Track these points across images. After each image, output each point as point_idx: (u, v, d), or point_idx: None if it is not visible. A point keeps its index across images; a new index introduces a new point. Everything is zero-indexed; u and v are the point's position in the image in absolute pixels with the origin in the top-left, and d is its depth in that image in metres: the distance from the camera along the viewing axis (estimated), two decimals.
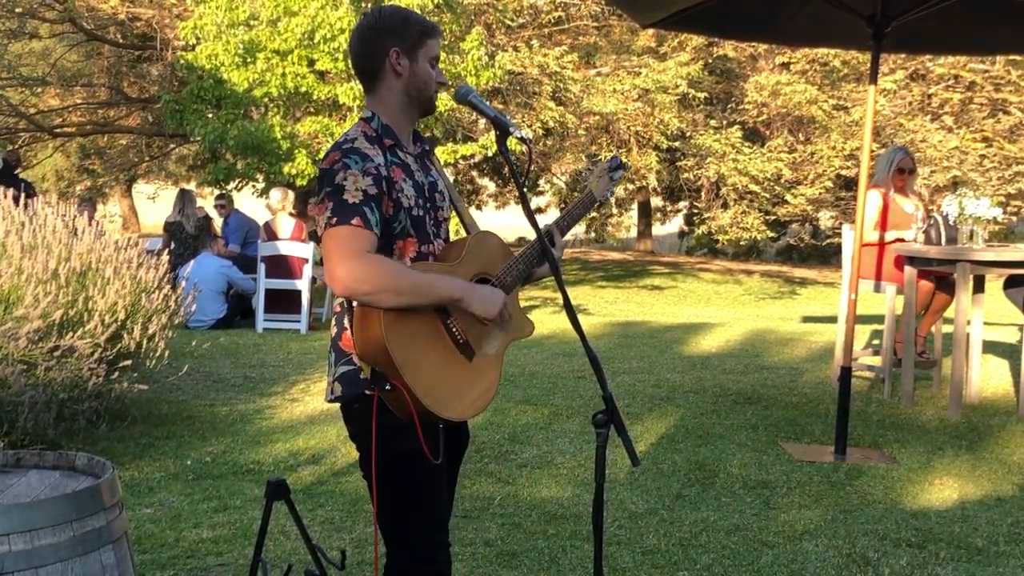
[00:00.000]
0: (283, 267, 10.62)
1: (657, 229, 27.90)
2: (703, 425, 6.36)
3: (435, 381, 2.52)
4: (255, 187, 16.74)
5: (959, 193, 6.95)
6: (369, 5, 11.64)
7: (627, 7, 7.31)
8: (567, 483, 5.19)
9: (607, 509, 4.61)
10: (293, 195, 11.83)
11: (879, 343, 8.19)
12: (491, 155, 14.39)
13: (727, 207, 18.78)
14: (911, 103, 17.62)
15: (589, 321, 12.00)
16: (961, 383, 6.72)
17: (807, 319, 13.05)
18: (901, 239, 7.15)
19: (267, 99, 12.35)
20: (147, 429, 6.04)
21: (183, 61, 12.57)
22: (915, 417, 6.66)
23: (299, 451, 5.68)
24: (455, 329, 2.59)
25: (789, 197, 18.37)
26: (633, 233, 27.48)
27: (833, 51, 16.11)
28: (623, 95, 16.80)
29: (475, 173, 24.07)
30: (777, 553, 4.28)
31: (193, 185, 21.74)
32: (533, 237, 2.75)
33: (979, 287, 7.12)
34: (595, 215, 21.61)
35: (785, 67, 18.00)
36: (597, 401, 2.55)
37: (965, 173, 16.80)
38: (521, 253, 2.82)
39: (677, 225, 28.03)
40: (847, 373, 5.85)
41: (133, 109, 20.76)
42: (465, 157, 13.37)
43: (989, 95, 17.59)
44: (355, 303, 2.54)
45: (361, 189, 2.52)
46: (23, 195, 6.22)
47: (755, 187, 17.85)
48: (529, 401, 6.91)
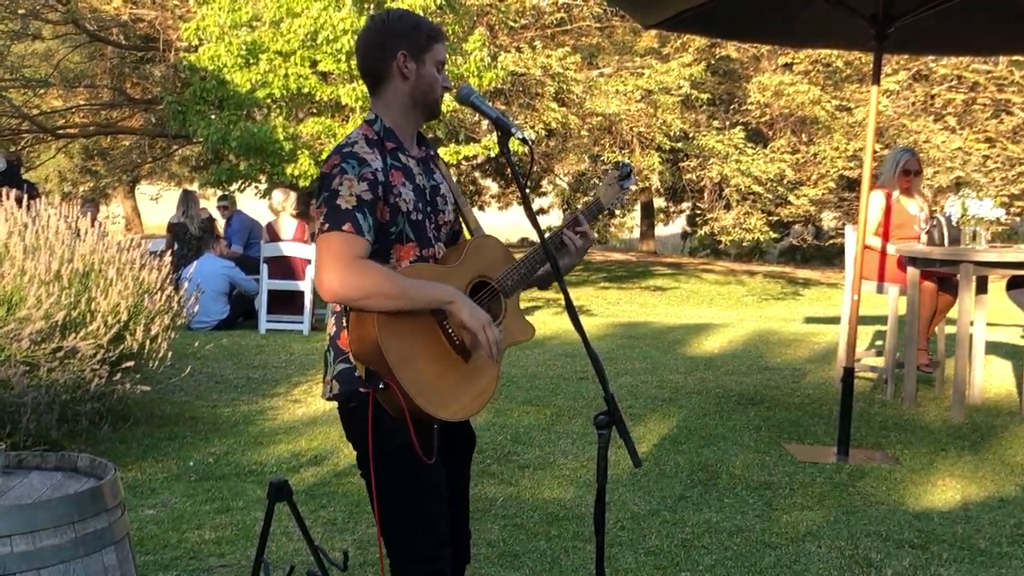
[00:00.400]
0: (286, 268, 10.62)
1: (660, 230, 27.91)
2: (706, 426, 6.36)
3: (429, 381, 2.52)
4: (258, 188, 16.75)
5: (962, 194, 6.95)
6: (372, 7, 11.65)
7: (629, 8, 7.31)
8: (569, 484, 5.19)
9: (609, 510, 4.61)
10: (295, 196, 11.83)
11: (882, 344, 8.18)
12: (494, 156, 14.39)
13: (730, 208, 18.78)
14: (914, 104, 17.61)
15: (592, 322, 12.00)
16: (964, 384, 6.71)
17: (810, 320, 13.04)
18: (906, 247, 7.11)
19: (270, 100, 12.37)
20: (149, 430, 6.04)
21: (186, 62, 12.59)
22: (918, 418, 6.65)
23: (301, 452, 5.68)
24: (451, 330, 2.59)
25: (792, 198, 18.38)
26: (636, 234, 27.49)
27: (836, 52, 16.09)
28: (626, 96, 16.80)
29: (478, 174, 24.11)
30: (780, 554, 4.28)
31: (196, 186, 21.70)
32: (535, 237, 2.75)
33: (982, 288, 7.11)
34: (598, 217, 21.58)
35: (788, 68, 17.99)
36: (599, 402, 2.55)
37: (968, 174, 16.79)
38: (523, 257, 2.81)
39: (680, 226, 28.03)
40: (850, 374, 5.85)
41: (136, 110, 20.81)
42: (468, 158, 13.39)
43: (992, 96, 17.57)
44: None
45: (355, 194, 2.52)
46: (26, 196, 6.22)
47: (758, 188, 17.85)
48: (531, 402, 6.90)
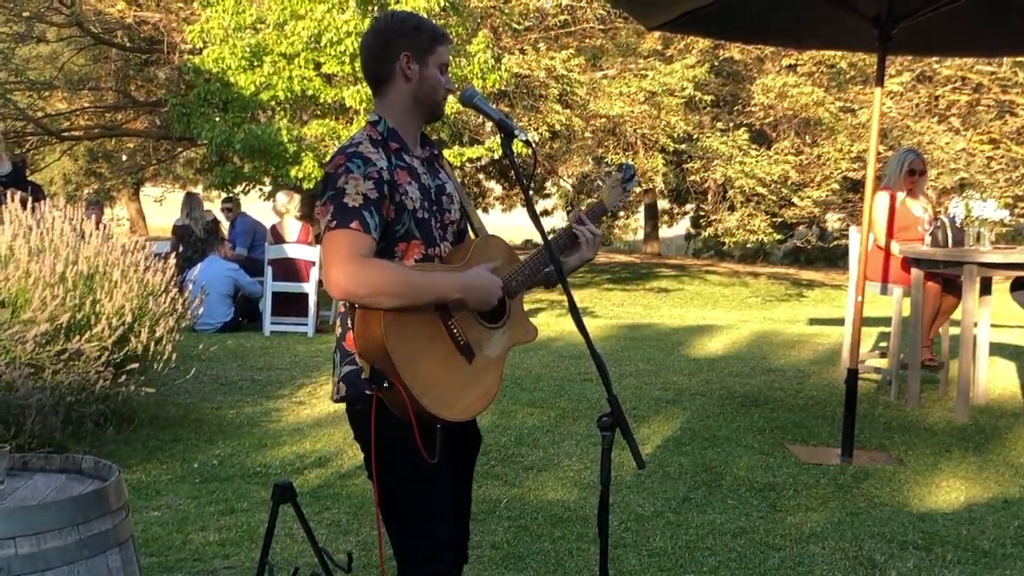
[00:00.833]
0: (290, 270, 10.63)
1: (664, 231, 27.93)
2: (709, 427, 6.36)
3: (433, 381, 2.53)
4: (262, 190, 16.77)
5: (966, 195, 6.95)
6: (375, 9, 11.66)
7: (633, 10, 7.31)
8: (573, 485, 5.19)
9: (613, 512, 4.61)
10: (299, 198, 11.85)
11: (886, 345, 8.17)
12: (497, 158, 14.40)
13: (734, 209, 18.77)
14: (918, 105, 17.59)
15: (595, 323, 11.99)
16: (968, 385, 6.70)
17: (814, 321, 13.03)
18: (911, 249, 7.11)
19: (274, 102, 12.38)
20: (154, 432, 6.05)
21: (190, 65, 12.61)
22: (922, 419, 6.64)
23: (306, 454, 5.68)
24: (456, 331, 2.60)
25: (796, 199, 18.36)
26: (640, 235, 27.50)
27: (839, 53, 16.08)
28: (629, 98, 16.80)
29: (481, 176, 24.12)
30: (784, 556, 4.28)
31: (200, 188, 21.80)
32: (539, 239, 2.76)
33: (986, 289, 7.11)
34: (602, 219, 21.60)
35: (791, 69, 17.97)
36: (603, 404, 2.55)
37: (972, 175, 16.78)
38: (528, 258, 2.82)
39: (684, 227, 28.05)
40: (854, 375, 5.85)
41: (140, 112, 20.83)
42: (471, 160, 13.40)
43: (996, 97, 17.56)
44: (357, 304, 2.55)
45: (361, 193, 2.52)
46: (31, 198, 6.23)
47: (762, 189, 17.83)
48: (535, 404, 6.90)
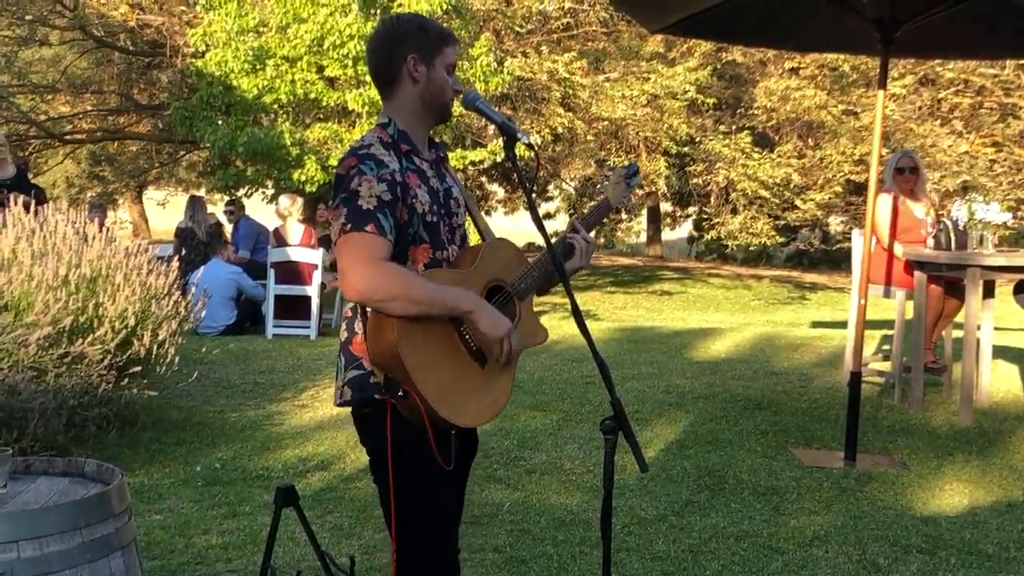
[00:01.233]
0: (293, 273, 10.63)
1: (666, 234, 27.89)
2: (712, 431, 6.35)
3: (448, 388, 2.52)
4: (264, 193, 16.79)
5: (969, 198, 6.94)
6: (378, 12, 11.67)
7: (635, 13, 7.31)
8: (576, 489, 5.18)
9: (616, 515, 4.60)
10: (302, 201, 11.85)
11: (889, 348, 8.16)
12: (500, 161, 14.39)
13: (736, 212, 18.77)
14: (921, 108, 17.59)
15: (598, 326, 11.98)
16: (971, 388, 6.70)
17: (817, 324, 13.01)
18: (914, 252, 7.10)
19: (276, 105, 12.39)
20: (157, 435, 6.05)
21: (193, 68, 12.62)
22: (925, 422, 6.63)
23: (308, 457, 5.68)
24: (468, 336, 2.60)
25: (799, 202, 18.37)
26: (643, 238, 27.47)
27: (842, 56, 16.08)
28: (632, 100, 16.79)
29: (484, 179, 24.08)
30: (787, 559, 4.27)
31: (203, 191, 21.80)
32: (541, 241, 2.75)
33: (989, 292, 7.10)
34: (605, 220, 21.62)
35: (794, 72, 17.97)
36: (606, 407, 2.55)
37: (975, 178, 16.77)
38: (536, 261, 2.82)
39: (686, 230, 28.00)
40: (857, 378, 5.84)
41: (143, 116, 20.84)
42: (474, 163, 13.39)
43: (999, 99, 17.55)
44: (369, 309, 2.54)
45: (376, 195, 2.52)
46: (34, 201, 6.23)
47: (764, 192, 17.83)
48: (538, 407, 6.90)
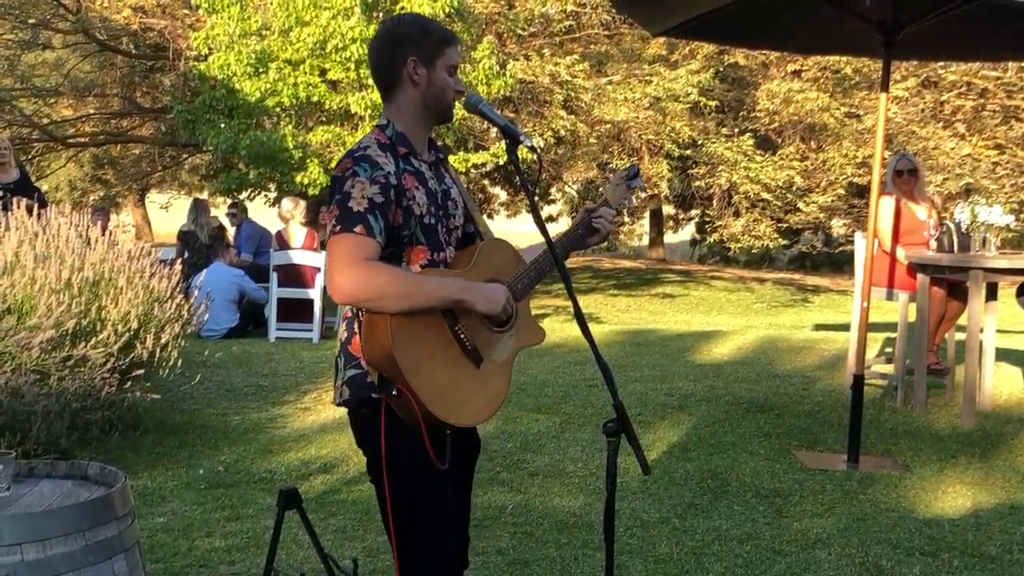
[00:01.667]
0: (295, 276, 10.65)
1: (669, 237, 27.87)
2: (715, 433, 6.35)
3: (442, 387, 2.52)
4: (267, 196, 16.78)
5: (971, 200, 6.93)
6: (381, 15, 11.67)
7: (637, 16, 7.32)
8: (579, 492, 5.18)
9: (619, 518, 4.60)
10: (305, 204, 11.85)
11: (892, 351, 8.16)
12: (502, 164, 14.39)
13: (739, 215, 18.75)
14: (923, 110, 17.58)
15: (601, 329, 11.98)
16: (974, 390, 6.69)
17: (819, 327, 13.01)
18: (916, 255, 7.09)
19: (279, 109, 12.38)
20: (160, 438, 6.05)
21: (195, 71, 12.62)
22: (928, 425, 6.63)
23: (311, 460, 5.68)
24: (463, 335, 2.59)
25: (801, 205, 18.35)
26: (645, 241, 27.45)
27: (845, 58, 16.08)
28: (634, 103, 16.78)
29: (486, 182, 24.09)
30: (790, 562, 4.27)
31: (206, 194, 21.81)
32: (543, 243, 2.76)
33: (992, 294, 7.09)
34: None
35: (796, 75, 17.96)
36: (609, 409, 2.55)
37: (978, 180, 16.76)
38: (534, 261, 2.82)
39: (689, 233, 27.96)
40: (860, 381, 5.84)
41: (146, 119, 20.86)
42: (477, 166, 13.37)
43: (1002, 102, 17.54)
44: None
45: (367, 197, 2.52)
46: (37, 204, 6.24)
47: (767, 195, 17.81)
48: (541, 409, 6.90)
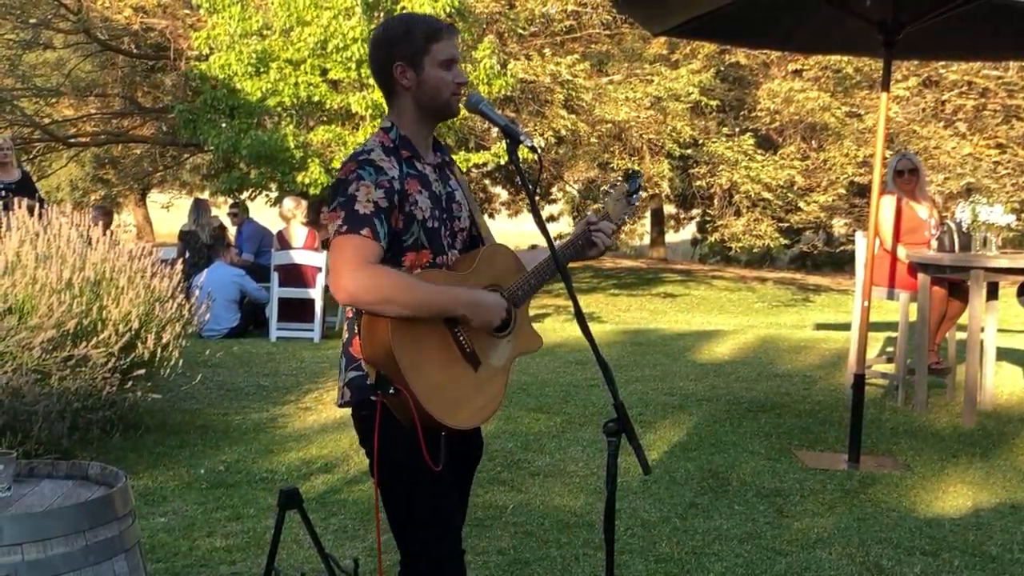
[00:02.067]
0: (296, 276, 10.65)
1: (670, 236, 27.89)
2: (716, 433, 6.35)
3: (439, 388, 2.53)
4: (268, 196, 16.79)
5: (972, 200, 6.93)
6: (381, 15, 11.67)
7: (638, 16, 7.31)
8: (580, 491, 5.18)
9: (619, 517, 4.61)
10: (306, 204, 11.85)
11: (893, 350, 8.15)
12: (503, 163, 14.39)
13: (740, 214, 18.75)
14: (924, 110, 17.57)
15: (601, 329, 11.98)
16: (975, 390, 6.69)
17: (820, 326, 13.01)
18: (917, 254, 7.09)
19: (280, 108, 12.39)
20: (161, 438, 6.05)
21: (196, 71, 12.63)
22: (929, 424, 6.63)
23: (312, 460, 5.68)
24: (462, 338, 2.60)
25: (802, 204, 18.34)
26: (646, 240, 27.48)
27: (845, 58, 16.08)
28: (635, 103, 16.79)
29: (488, 181, 24.10)
30: (790, 561, 4.27)
31: (207, 194, 21.79)
32: (545, 244, 2.75)
33: (993, 294, 7.09)
34: None
35: (798, 74, 17.96)
36: (609, 409, 2.55)
37: (979, 180, 16.75)
38: (535, 268, 2.81)
39: (690, 232, 27.97)
40: (861, 380, 5.84)
41: (147, 119, 20.87)
42: (478, 166, 13.40)
43: (1003, 101, 17.53)
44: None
45: (373, 201, 2.53)
46: (38, 204, 6.24)
47: (768, 194, 17.82)
48: (542, 409, 6.90)
